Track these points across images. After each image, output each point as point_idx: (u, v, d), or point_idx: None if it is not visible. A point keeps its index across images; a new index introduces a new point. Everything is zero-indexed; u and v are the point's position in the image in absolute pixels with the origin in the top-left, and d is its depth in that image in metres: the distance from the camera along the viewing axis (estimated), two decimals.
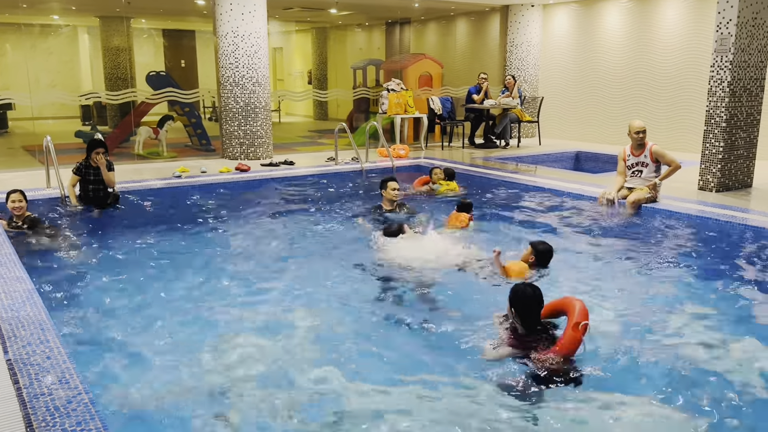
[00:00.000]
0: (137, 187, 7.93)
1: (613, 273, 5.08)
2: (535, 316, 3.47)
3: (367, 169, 9.51)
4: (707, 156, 7.73)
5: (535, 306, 3.47)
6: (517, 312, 3.48)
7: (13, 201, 6.01)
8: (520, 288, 3.54)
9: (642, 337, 3.83)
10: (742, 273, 5.03)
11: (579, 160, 11.35)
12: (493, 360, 3.46)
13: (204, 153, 11.59)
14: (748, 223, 6.16)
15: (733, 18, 7.27)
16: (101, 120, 15.22)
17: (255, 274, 5.09)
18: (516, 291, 3.53)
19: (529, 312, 3.46)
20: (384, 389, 3.24)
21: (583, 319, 3.32)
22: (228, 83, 10.10)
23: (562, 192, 7.74)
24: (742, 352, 3.66)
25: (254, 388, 3.26)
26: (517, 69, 13.55)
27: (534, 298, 3.47)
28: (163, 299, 4.49)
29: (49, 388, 2.77)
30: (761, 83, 7.73)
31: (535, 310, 3.47)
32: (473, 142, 12.38)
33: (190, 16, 16.39)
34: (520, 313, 3.47)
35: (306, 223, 6.72)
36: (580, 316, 3.33)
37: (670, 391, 3.23)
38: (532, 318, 3.46)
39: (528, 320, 3.46)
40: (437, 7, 14.38)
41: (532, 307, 3.47)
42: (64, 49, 16.86)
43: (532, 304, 3.46)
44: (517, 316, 3.49)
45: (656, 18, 11.51)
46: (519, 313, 3.48)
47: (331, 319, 4.15)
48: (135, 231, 6.26)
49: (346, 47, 19.02)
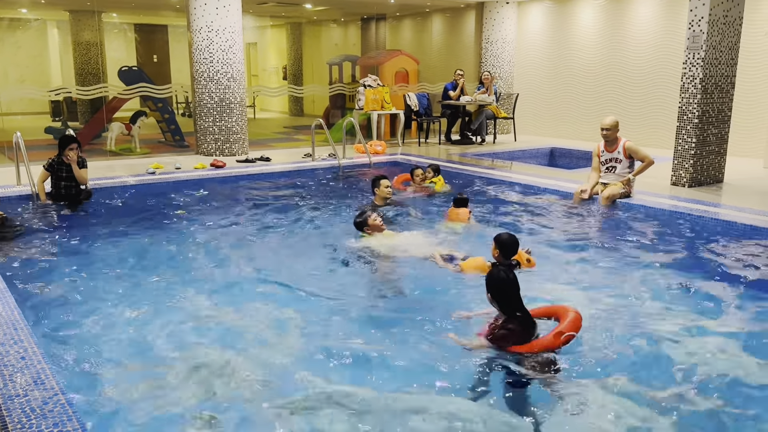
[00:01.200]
0: (110, 184, 7.80)
1: (588, 267, 5.13)
2: (514, 300, 3.48)
3: (344, 165, 9.48)
4: (680, 152, 7.86)
5: (509, 289, 3.47)
6: (494, 297, 3.50)
7: None
8: (494, 273, 3.57)
9: (614, 329, 3.88)
10: (712, 265, 5.13)
11: (554, 156, 11.46)
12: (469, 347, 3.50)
13: (178, 149, 11.45)
14: (719, 218, 6.28)
15: (704, 16, 7.39)
16: (72, 116, 14.94)
17: (231, 271, 5.05)
18: (490, 276, 3.56)
19: (506, 295, 3.47)
20: (360, 385, 3.24)
21: (571, 330, 3.34)
22: (202, 78, 9.98)
23: (538, 187, 7.82)
24: (712, 342, 3.73)
25: (233, 386, 3.22)
26: (493, 66, 13.62)
27: (507, 281, 3.48)
28: (137, 297, 4.43)
29: (25, 389, 2.71)
30: (732, 80, 7.88)
31: (512, 294, 3.48)
32: (449, 138, 12.42)
33: (163, 11, 16.16)
34: (497, 298, 3.49)
35: (283, 219, 6.68)
36: (569, 326, 3.35)
37: (640, 382, 3.27)
38: (511, 302, 3.47)
39: (506, 305, 3.47)
40: (413, 4, 14.38)
41: (507, 290, 3.47)
42: (33, 44, 16.50)
43: (507, 288, 3.47)
44: (495, 300, 3.51)
45: (629, 15, 11.66)
46: (496, 298, 3.50)
47: (308, 314, 4.13)
48: (108, 228, 6.16)
49: (321, 43, 18.94)
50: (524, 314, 3.48)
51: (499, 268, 3.63)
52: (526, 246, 5.01)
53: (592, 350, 3.57)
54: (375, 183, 6.69)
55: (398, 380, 3.31)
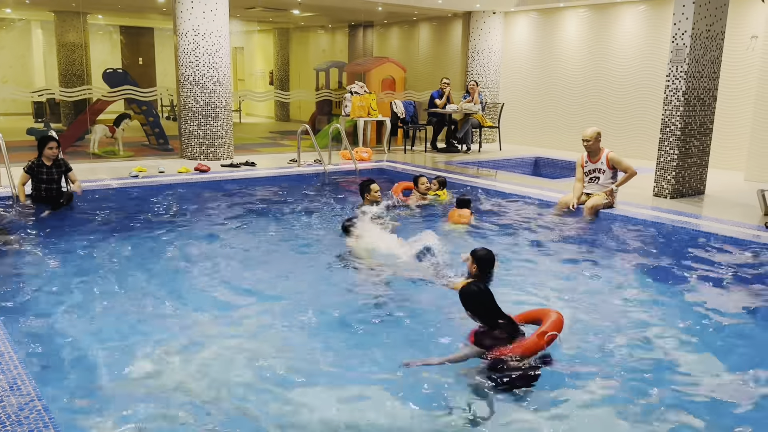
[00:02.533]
0: (92, 187, 7.72)
1: (570, 276, 5.16)
2: (492, 310, 3.48)
3: (329, 172, 9.47)
4: (662, 163, 7.94)
5: (485, 301, 3.48)
6: (474, 312, 3.50)
7: None
8: (466, 290, 3.56)
9: (596, 337, 3.91)
10: (693, 275, 5.18)
11: (538, 165, 11.53)
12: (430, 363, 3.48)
13: (162, 152, 11.37)
14: (700, 229, 6.35)
15: (688, 30, 7.49)
16: (55, 117, 14.79)
17: (213, 275, 5.01)
18: (463, 294, 3.55)
19: (483, 308, 3.47)
20: (343, 388, 3.23)
21: (554, 329, 3.37)
22: (188, 82, 9.93)
23: (522, 196, 7.85)
24: (692, 350, 3.78)
25: (209, 389, 3.20)
26: (479, 75, 13.70)
27: (481, 294, 3.49)
28: (117, 302, 4.38)
29: (1, 395, 2.66)
30: (714, 93, 7.98)
31: (489, 305, 3.48)
32: (435, 146, 12.46)
33: (149, 13, 16.07)
34: (477, 313, 3.49)
35: (267, 224, 6.65)
36: (551, 327, 3.38)
37: (619, 388, 3.31)
38: (489, 313, 3.47)
39: (486, 317, 3.47)
40: (400, 12, 14.44)
41: (484, 302, 3.48)
42: (16, 44, 16.35)
43: (482, 300, 3.48)
44: (475, 315, 3.50)
45: (614, 28, 11.79)
46: (475, 313, 3.49)
47: (292, 319, 4.11)
48: (89, 232, 6.09)
49: (308, 49, 18.94)
50: (507, 320, 3.47)
51: (470, 283, 3.61)
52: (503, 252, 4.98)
53: (575, 356, 3.60)
54: (365, 187, 6.67)
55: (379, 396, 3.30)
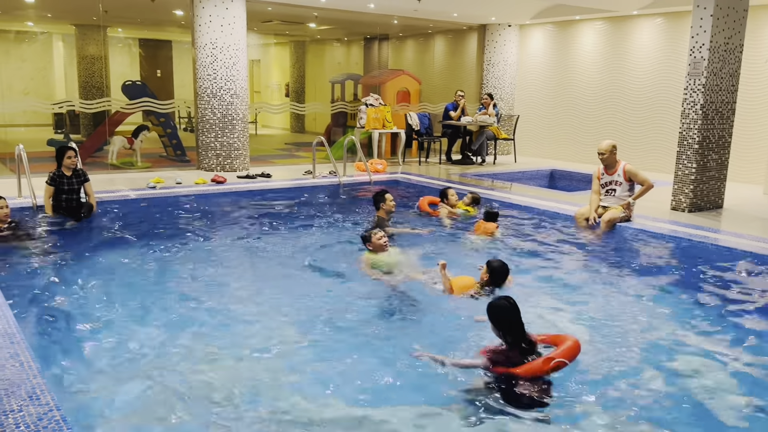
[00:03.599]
0: (111, 198, 7.80)
1: (586, 291, 5.12)
2: (516, 328, 3.46)
3: (344, 183, 9.50)
4: (680, 177, 7.88)
5: (513, 317, 3.46)
6: (499, 327, 3.48)
7: (0, 207, 6.04)
8: (495, 303, 3.55)
9: (610, 354, 3.86)
10: (711, 291, 5.11)
11: (553, 178, 11.49)
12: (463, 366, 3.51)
13: (179, 164, 11.48)
14: (719, 243, 6.29)
15: (706, 42, 7.46)
16: (74, 128, 14.98)
17: (230, 286, 5.03)
18: (492, 308, 3.53)
19: (510, 324, 3.46)
20: (347, 403, 3.22)
21: (562, 358, 3.31)
22: (205, 94, 10.03)
23: (538, 209, 7.82)
24: (707, 368, 3.72)
25: (234, 406, 3.20)
26: (494, 87, 13.71)
27: (510, 310, 3.48)
28: (136, 312, 4.41)
29: (20, 405, 2.69)
30: (732, 106, 7.92)
31: (515, 321, 3.46)
32: (450, 158, 12.46)
33: (168, 27, 16.28)
34: (503, 328, 3.47)
35: (283, 236, 6.67)
36: (561, 354, 3.32)
37: (635, 409, 3.25)
38: (514, 329, 3.46)
39: (512, 333, 3.45)
40: (416, 25, 14.51)
41: (510, 318, 3.46)
42: (38, 57, 16.60)
43: (511, 316, 3.47)
44: (500, 330, 3.49)
45: (630, 40, 11.76)
46: (501, 328, 3.48)
47: (303, 331, 4.12)
48: (109, 242, 6.16)
49: (324, 61, 19.06)
50: (526, 342, 3.44)
51: (499, 298, 3.60)
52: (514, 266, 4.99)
53: (587, 374, 3.56)
54: (380, 197, 6.67)
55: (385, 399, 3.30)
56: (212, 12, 9.74)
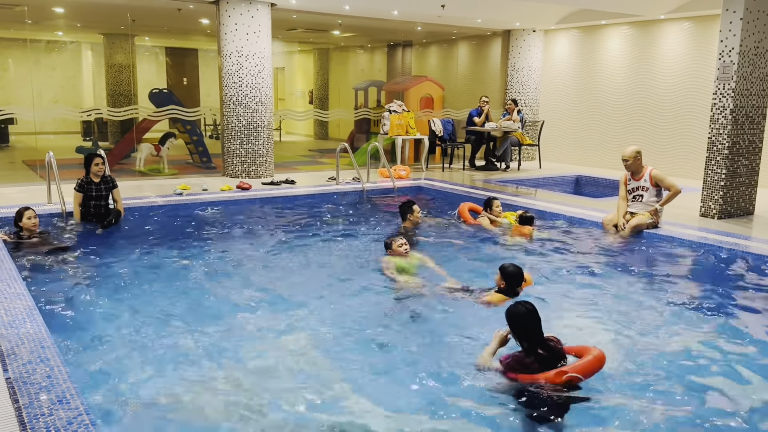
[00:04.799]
0: (138, 204, 7.91)
1: (613, 298, 5.04)
2: (535, 332, 3.44)
3: (368, 189, 9.51)
4: (709, 183, 7.75)
5: (531, 322, 3.45)
6: (517, 332, 3.47)
7: (29, 218, 6.16)
8: (514, 308, 3.54)
9: (636, 363, 3.80)
10: (743, 300, 5.01)
11: (579, 184, 11.37)
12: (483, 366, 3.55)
13: (205, 171, 11.60)
14: (750, 251, 6.16)
15: (735, 46, 7.34)
16: (102, 136, 15.25)
17: (256, 292, 5.06)
18: (510, 313, 3.53)
19: (527, 329, 3.45)
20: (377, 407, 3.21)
21: (578, 373, 3.26)
22: (231, 102, 10.13)
23: (563, 216, 7.74)
24: (739, 380, 3.64)
25: (262, 414, 3.21)
26: (518, 93, 13.64)
27: (528, 315, 3.46)
28: (164, 317, 4.45)
29: (50, 408, 2.73)
30: (763, 111, 7.78)
31: (533, 327, 3.45)
32: (474, 164, 12.41)
33: (194, 35, 16.50)
34: (520, 333, 3.46)
35: (307, 241, 6.69)
36: (576, 368, 3.27)
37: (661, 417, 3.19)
38: (532, 335, 3.44)
39: (529, 338, 3.44)
40: (439, 31, 14.50)
41: (529, 324, 3.45)
42: (67, 65, 16.94)
43: (529, 321, 3.45)
44: (517, 335, 3.47)
45: (657, 44, 11.62)
46: (518, 333, 3.46)
47: (328, 338, 4.12)
48: (137, 248, 6.23)
49: (348, 68, 19.15)
50: (545, 351, 3.40)
51: (518, 303, 3.58)
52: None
53: (611, 384, 3.50)
54: (407, 209, 6.61)
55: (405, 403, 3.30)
56: (238, 21, 9.85)
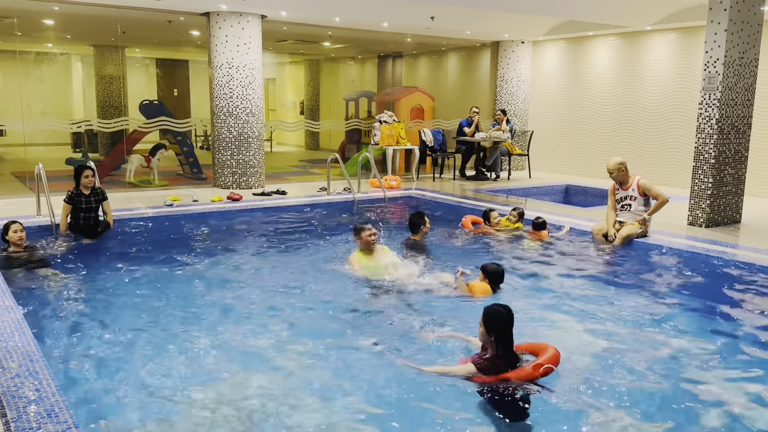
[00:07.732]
0: (128, 216, 7.89)
1: (602, 307, 5.08)
2: (507, 336, 3.53)
3: (358, 200, 9.53)
4: (696, 192, 7.83)
5: (506, 327, 3.53)
6: (494, 333, 3.50)
7: (15, 231, 6.11)
8: (493, 309, 3.57)
9: (625, 371, 3.83)
10: (731, 307, 5.06)
11: (568, 193, 11.44)
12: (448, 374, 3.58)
13: (195, 182, 11.59)
14: (737, 259, 6.22)
15: (720, 57, 7.43)
16: (92, 147, 15.20)
17: (247, 304, 5.05)
18: (489, 314, 3.55)
19: (501, 332, 3.51)
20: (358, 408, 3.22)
21: (550, 363, 3.41)
22: (222, 113, 10.15)
23: (553, 225, 7.78)
24: (726, 386, 3.66)
25: (252, 426, 3.21)
26: (508, 103, 13.73)
27: (508, 318, 3.53)
28: (154, 330, 4.44)
29: (38, 422, 2.71)
30: (748, 121, 7.87)
31: (507, 331, 3.53)
32: (464, 173, 12.47)
33: (185, 47, 16.53)
34: (495, 334, 3.49)
35: (298, 252, 6.70)
36: (549, 360, 3.43)
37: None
38: (503, 339, 3.51)
39: (502, 340, 3.50)
40: (429, 42, 14.60)
41: (503, 327, 3.52)
42: (57, 77, 16.91)
43: (504, 326, 3.52)
44: (493, 336, 3.50)
45: (644, 55, 11.74)
46: (495, 334, 3.50)
47: (318, 345, 4.13)
48: (126, 260, 6.21)
49: (338, 79, 19.22)
50: (509, 350, 3.52)
51: (496, 306, 3.63)
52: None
53: (590, 384, 3.53)
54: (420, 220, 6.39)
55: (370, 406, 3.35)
56: (228, 32, 9.88)
